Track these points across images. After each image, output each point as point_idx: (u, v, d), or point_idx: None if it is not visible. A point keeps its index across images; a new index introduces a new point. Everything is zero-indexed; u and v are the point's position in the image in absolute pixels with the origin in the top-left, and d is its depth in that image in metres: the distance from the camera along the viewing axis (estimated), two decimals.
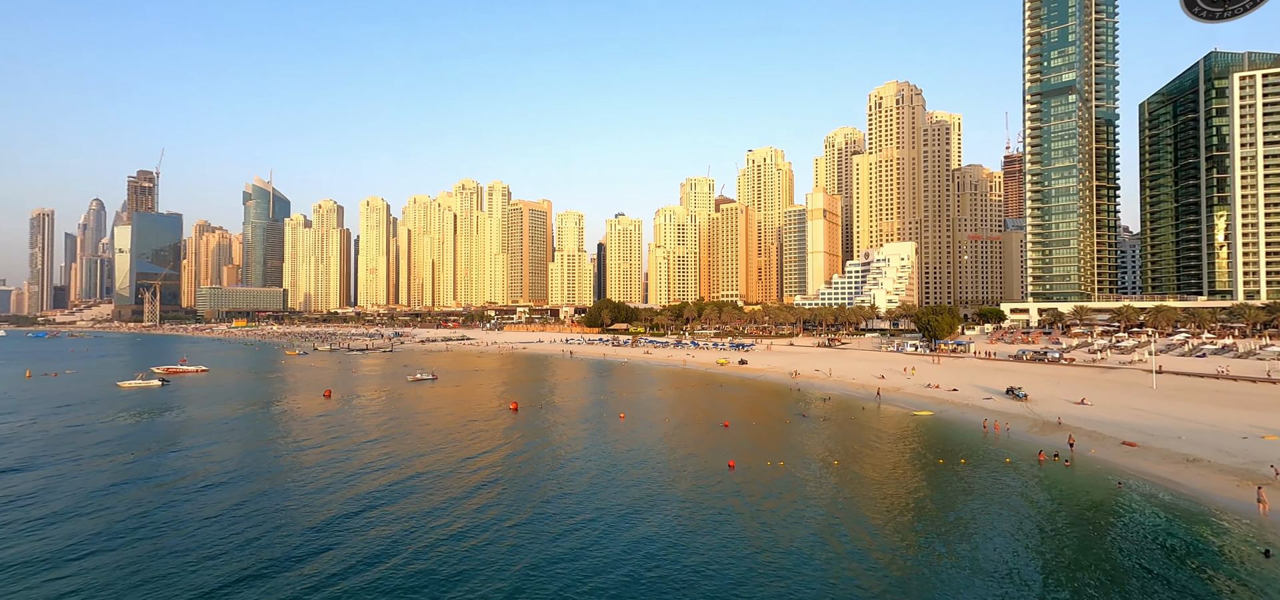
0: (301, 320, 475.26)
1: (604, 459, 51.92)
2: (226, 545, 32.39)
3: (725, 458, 50.91)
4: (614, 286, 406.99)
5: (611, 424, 68.22)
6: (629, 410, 77.36)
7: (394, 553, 31.36)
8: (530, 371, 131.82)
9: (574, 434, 62.90)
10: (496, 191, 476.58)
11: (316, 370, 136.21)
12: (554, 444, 58.44)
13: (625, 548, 32.03)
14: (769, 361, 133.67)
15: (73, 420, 71.26)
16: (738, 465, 48.61)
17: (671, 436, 61.50)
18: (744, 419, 70.92)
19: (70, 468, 49.07)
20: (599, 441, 59.06)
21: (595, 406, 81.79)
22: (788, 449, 55.23)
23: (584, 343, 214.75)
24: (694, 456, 52.67)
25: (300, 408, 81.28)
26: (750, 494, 41.15)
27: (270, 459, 52.69)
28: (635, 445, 57.28)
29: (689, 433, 63.31)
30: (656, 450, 55.30)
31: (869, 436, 60.59)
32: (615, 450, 55.20)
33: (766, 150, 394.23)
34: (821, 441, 58.59)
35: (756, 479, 44.89)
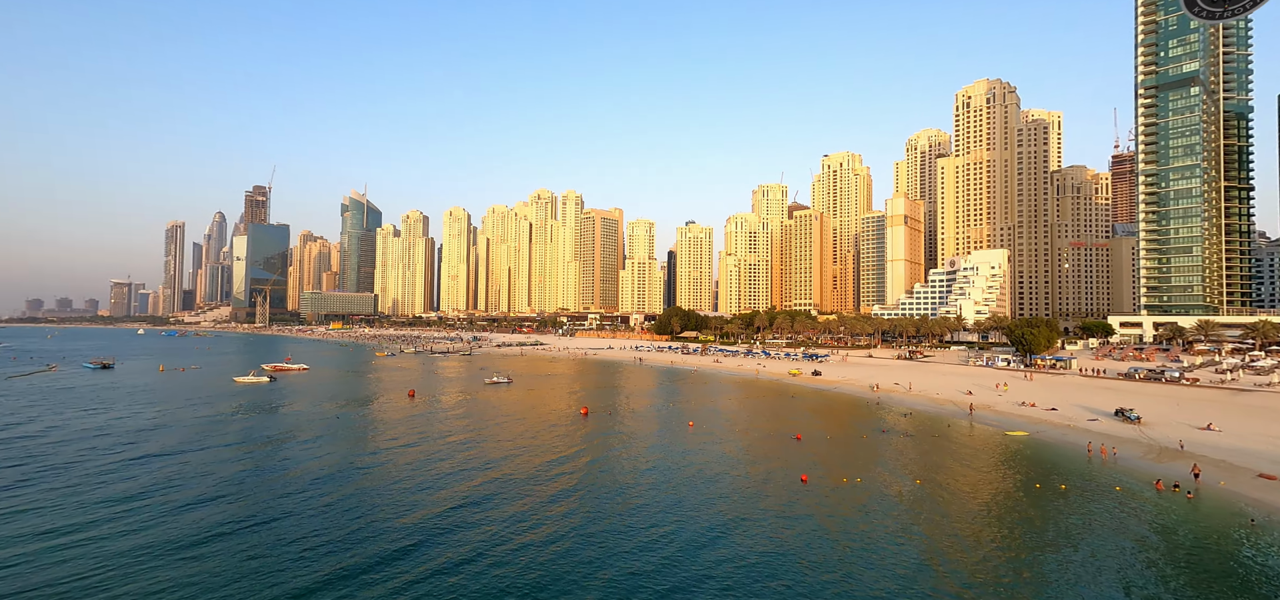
0: (390, 323, 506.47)
1: (675, 468, 51.85)
2: (328, 534, 35.05)
3: (798, 471, 49.49)
4: (684, 294, 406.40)
5: (681, 432, 68.04)
6: (699, 419, 76.88)
7: (481, 554, 32.73)
8: (600, 377, 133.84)
9: (645, 441, 63.22)
10: (570, 201, 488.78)
11: (403, 372, 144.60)
12: (626, 451, 58.99)
13: (707, 564, 31.64)
14: (844, 373, 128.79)
15: (198, 412, 79.52)
16: (811, 479, 47.14)
17: (742, 447, 60.53)
18: (817, 432, 68.68)
19: (196, 455, 54.81)
20: (669, 450, 59.04)
21: (665, 414, 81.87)
22: (865, 465, 52.93)
23: (653, 350, 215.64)
24: (766, 468, 51.58)
25: (388, 407, 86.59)
26: (826, 510, 39.77)
27: (363, 456, 56.45)
28: (706, 455, 56.82)
29: (760, 444, 62.07)
30: (727, 461, 54.60)
31: (956, 455, 57.00)
32: (686, 459, 54.99)
33: (843, 155, 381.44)
34: (903, 458, 55.72)
35: (832, 495, 43.34)
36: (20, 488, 43.13)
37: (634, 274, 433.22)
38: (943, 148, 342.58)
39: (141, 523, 36.14)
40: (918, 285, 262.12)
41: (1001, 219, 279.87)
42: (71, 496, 41.19)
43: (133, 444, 58.27)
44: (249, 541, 33.18)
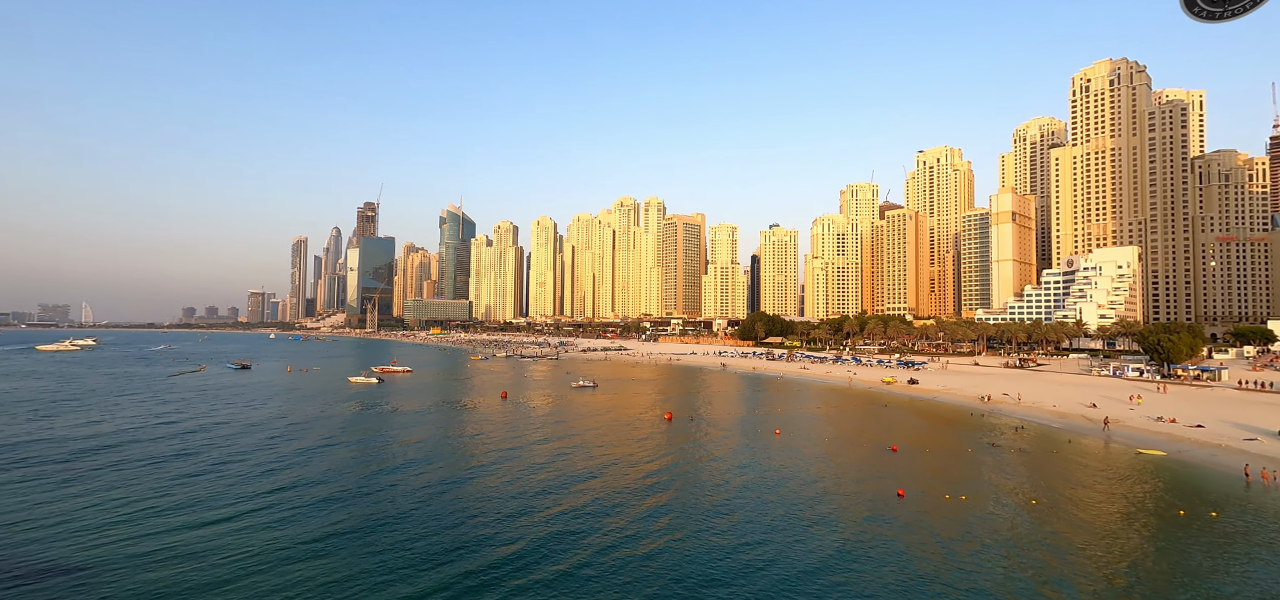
0: (482, 329, 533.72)
1: (762, 476, 50.73)
2: (435, 532, 37.44)
3: (893, 485, 46.82)
4: (768, 299, 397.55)
5: (768, 440, 66.47)
6: (785, 426, 74.76)
7: (573, 553, 33.68)
8: (683, 382, 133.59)
9: (730, 448, 62.34)
10: (652, 207, 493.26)
11: (495, 375, 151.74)
12: (711, 458, 58.47)
13: (798, 576, 30.86)
14: (944, 381, 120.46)
15: (320, 410, 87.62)
16: (909, 494, 44.43)
17: (832, 457, 58.17)
18: (915, 444, 64.64)
19: (319, 451, 60.38)
20: (756, 457, 57.86)
21: (749, 420, 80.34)
22: (970, 482, 49.14)
23: (737, 355, 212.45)
24: (858, 480, 49.24)
25: (483, 407, 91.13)
26: (926, 528, 37.32)
27: (463, 455, 59.76)
28: (793, 463, 55.14)
29: (851, 454, 59.37)
30: (816, 470, 52.67)
31: (1078, 474, 51.60)
32: (773, 468, 53.64)
33: (940, 150, 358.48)
34: (1015, 476, 51.21)
35: (932, 512, 40.62)
36: (182, 477, 49.45)
37: (716, 279, 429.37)
38: (1057, 137, 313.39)
39: (278, 515, 40.27)
40: (1028, 287, 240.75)
41: (1129, 213, 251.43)
42: (222, 485, 46.68)
43: (268, 439, 65.17)
44: (366, 536, 35.94)
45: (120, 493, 43.20)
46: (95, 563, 30.84)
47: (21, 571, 29.69)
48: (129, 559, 31.35)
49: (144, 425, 71.40)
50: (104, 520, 37.31)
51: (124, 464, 51.81)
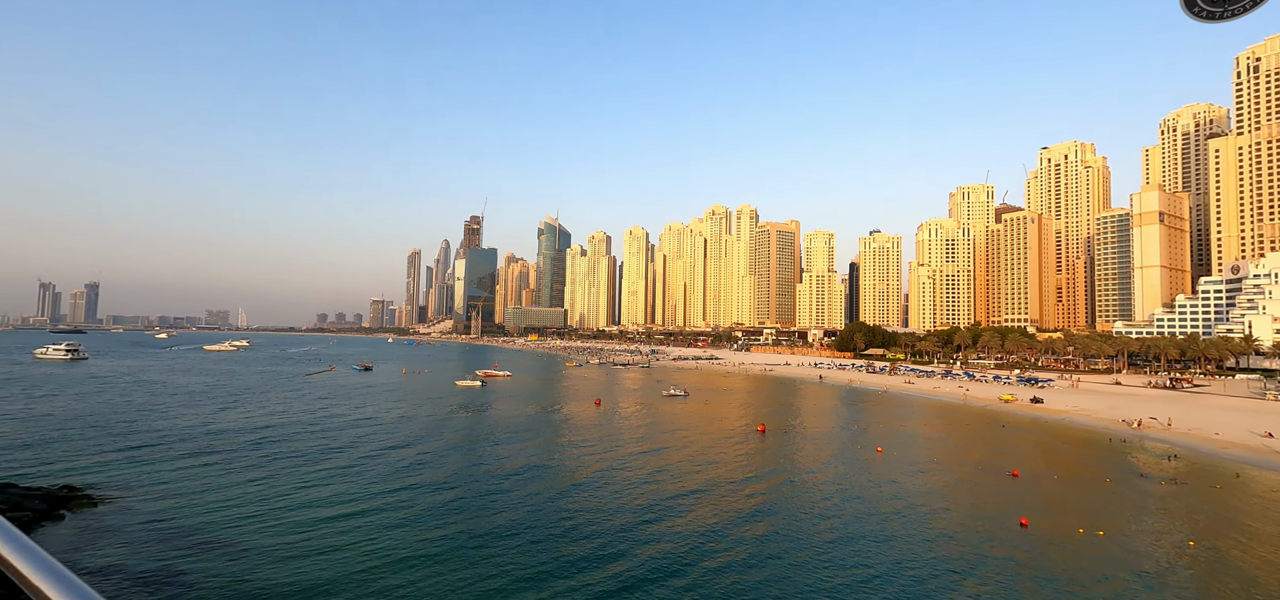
0: (577, 336, 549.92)
1: (863, 495, 48.31)
2: (537, 532, 39.20)
3: (1015, 514, 42.80)
4: (868, 309, 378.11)
5: (868, 457, 63.16)
6: (888, 444, 70.64)
7: (677, 567, 33.96)
8: (777, 394, 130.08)
9: (828, 464, 59.90)
10: (744, 215, 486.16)
11: (589, 381, 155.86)
12: (807, 472, 56.52)
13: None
14: (1074, 401, 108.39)
15: (431, 410, 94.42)
16: (1032, 524, 40.45)
17: (942, 479, 54.18)
18: (1040, 469, 58.69)
19: (432, 447, 65.12)
20: (856, 475, 55.17)
21: (848, 436, 76.72)
22: (1108, 515, 43.83)
23: (835, 367, 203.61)
24: (973, 505, 45.52)
25: (578, 413, 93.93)
26: (1054, 563, 33.79)
27: (561, 458, 61.99)
28: (898, 484, 51.97)
29: (964, 477, 54.97)
30: (923, 492, 49.30)
31: (1250, 515, 44.47)
32: (875, 487, 50.89)
33: (1069, 145, 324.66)
34: (1165, 512, 45.07)
35: (1062, 546, 36.70)
36: (316, 468, 55.28)
37: (812, 287, 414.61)
38: (1217, 125, 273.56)
39: (396, 513, 43.93)
40: (1181, 297, 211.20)
41: None
42: (348, 479, 51.67)
43: (388, 436, 71.21)
44: (475, 538, 38.20)
45: (265, 480, 49.01)
46: (242, 540, 35.25)
47: (187, 542, 34.55)
48: (269, 541, 35.53)
49: (286, 419, 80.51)
50: (252, 504, 42.54)
51: (269, 454, 58.74)
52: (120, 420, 74.34)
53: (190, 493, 43.85)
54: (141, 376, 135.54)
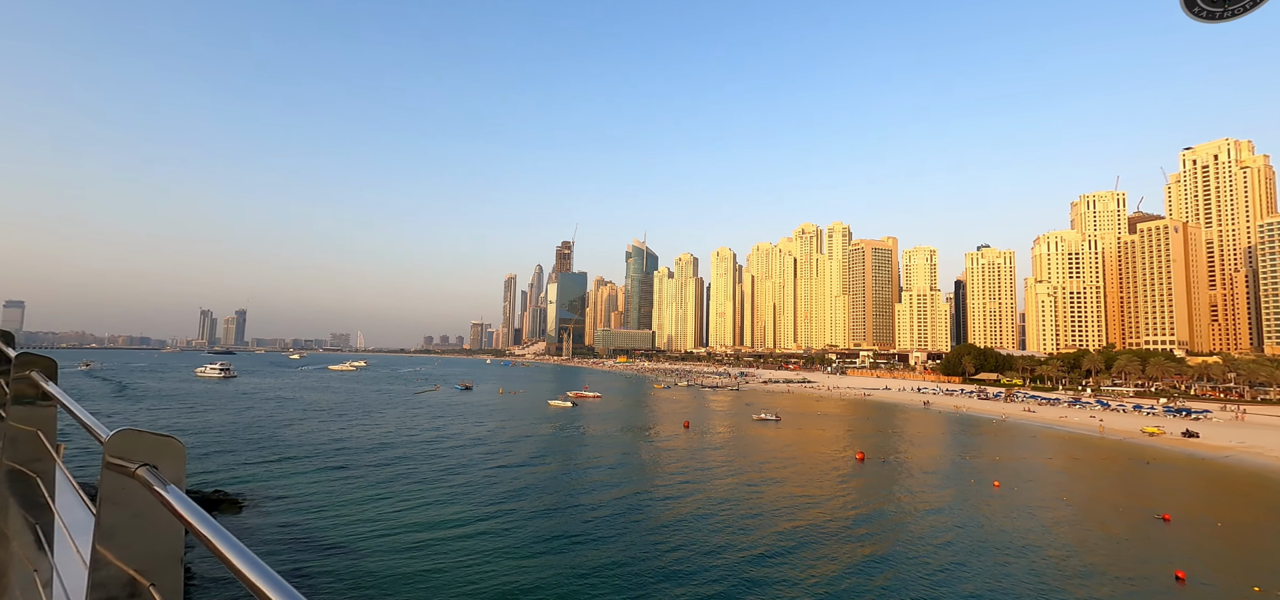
0: (665, 358, 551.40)
1: (982, 535, 44.29)
2: (633, 554, 39.41)
3: (1169, 564, 37.43)
4: (977, 329, 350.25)
5: (985, 492, 57.91)
6: (1007, 478, 64.43)
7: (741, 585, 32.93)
8: (876, 420, 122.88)
9: (938, 499, 55.57)
10: (836, 232, 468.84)
11: (677, 403, 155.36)
12: (914, 506, 52.76)
13: None
14: (1240, 436, 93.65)
15: (527, 427, 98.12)
16: (1190, 579, 35.16)
17: (1076, 520, 48.53)
18: (1197, 515, 51.04)
19: (530, 464, 67.52)
20: (972, 512, 50.73)
21: (960, 469, 70.82)
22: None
23: (941, 392, 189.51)
24: (1115, 553, 40.33)
25: (667, 435, 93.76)
26: None
27: (652, 481, 62.08)
28: (1022, 524, 47.16)
29: (1103, 519, 48.87)
30: (1055, 534, 44.38)
31: None
32: (995, 526, 46.50)
33: (1219, 144, 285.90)
34: None
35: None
36: (425, 480, 59.00)
37: (912, 307, 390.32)
38: None
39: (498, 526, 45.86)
40: None
41: None
42: (453, 491, 54.65)
43: (489, 453, 74.73)
44: (575, 564, 39.03)
45: (384, 493, 52.88)
46: (363, 548, 38.10)
47: (315, 546, 37.86)
48: (387, 552, 38.14)
49: (401, 436, 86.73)
50: (373, 516, 46.01)
51: (388, 469, 63.42)
52: (262, 433, 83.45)
53: (319, 501, 48.19)
54: (279, 393, 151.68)
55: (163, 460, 1.46)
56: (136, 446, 1.45)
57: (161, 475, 1.41)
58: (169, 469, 1.46)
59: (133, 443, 1.46)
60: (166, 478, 1.41)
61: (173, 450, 1.50)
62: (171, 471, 1.46)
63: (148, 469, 1.41)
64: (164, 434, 1.51)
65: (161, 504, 1.34)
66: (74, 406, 2.37)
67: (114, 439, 1.45)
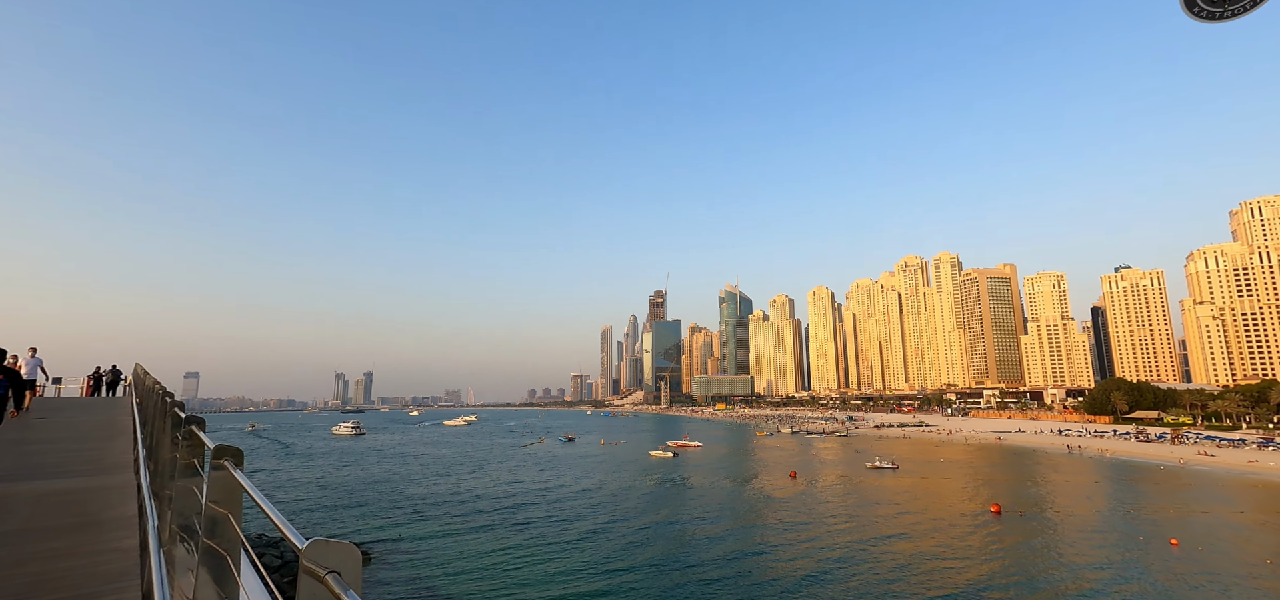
0: (765, 404, 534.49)
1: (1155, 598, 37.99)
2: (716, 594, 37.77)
3: None
4: (1125, 361, 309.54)
5: (1158, 550, 49.84)
6: (1186, 535, 55.12)
7: None
8: (1011, 467, 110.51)
9: (1092, 555, 48.57)
10: (944, 263, 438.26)
11: (782, 451, 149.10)
12: (1060, 564, 46.43)
13: None
14: None
15: (629, 479, 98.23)
16: None
17: None
18: None
19: (635, 519, 67.27)
20: (1137, 570, 43.79)
21: (1125, 523, 61.61)
22: None
23: (1089, 435, 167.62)
24: None
25: (773, 486, 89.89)
26: None
27: (759, 537, 59.56)
28: (1211, 588, 39.90)
29: None
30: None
31: None
32: (1173, 590, 39.73)
33: None
34: None
35: None
36: (537, 534, 60.41)
37: (1041, 339, 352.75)
38: None
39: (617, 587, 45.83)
40: None
41: None
42: (573, 550, 55.45)
43: (597, 507, 75.46)
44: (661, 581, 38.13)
45: (499, 546, 54.69)
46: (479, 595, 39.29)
47: (437, 596, 39.57)
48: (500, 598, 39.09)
49: (513, 489, 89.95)
50: (491, 571, 47.58)
51: (502, 522, 65.73)
52: (388, 487, 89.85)
53: (441, 554, 50.69)
54: (402, 449, 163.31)
55: (345, 566, 1.72)
56: (326, 554, 1.72)
57: (344, 580, 1.65)
58: (349, 574, 1.71)
59: (323, 552, 1.72)
60: (348, 582, 1.66)
61: (353, 557, 1.78)
62: (351, 576, 1.71)
63: (334, 577, 1.64)
64: (346, 542, 1.76)
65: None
66: (268, 507, 2.53)
67: (310, 548, 1.72)
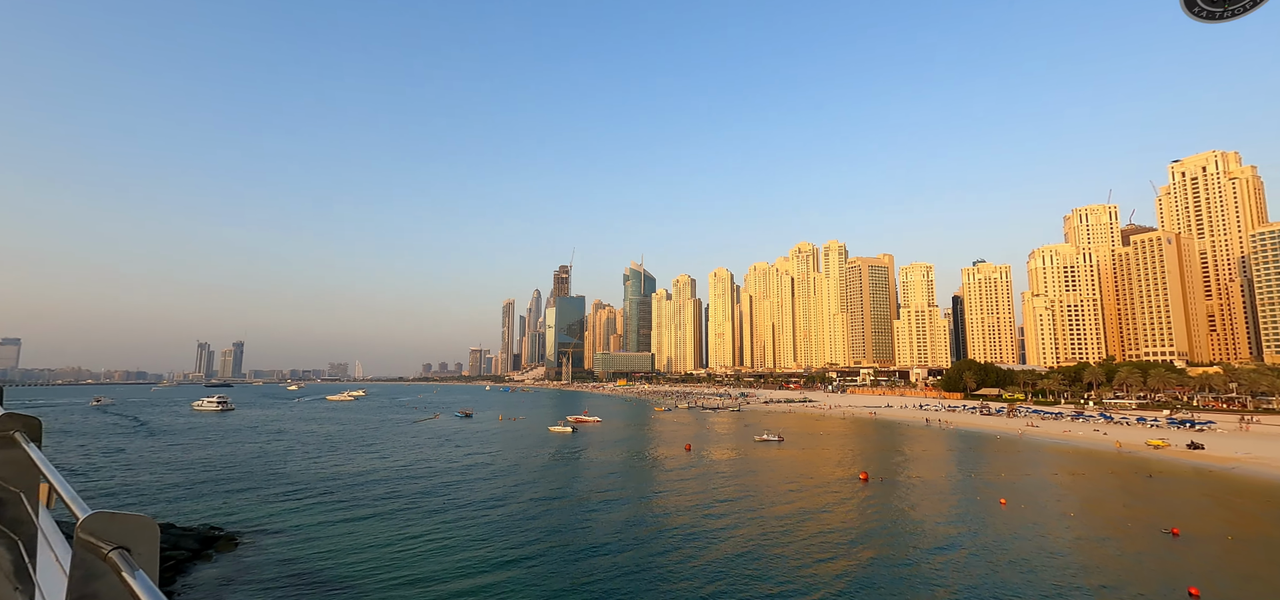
0: (664, 380, 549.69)
1: (992, 553, 43.88)
2: (631, 586, 38.96)
3: (1182, 580, 37.09)
4: (976, 345, 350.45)
5: (990, 510, 57.47)
6: (1012, 495, 64.00)
7: None
8: (879, 439, 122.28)
9: (944, 516, 55.15)
10: (832, 251, 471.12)
11: (678, 426, 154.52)
12: (920, 525, 52.30)
13: None
14: (1247, 447, 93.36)
15: (527, 455, 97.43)
16: (1204, 594, 34.80)
17: (1084, 538, 48.10)
18: (1207, 530, 50.68)
19: (530, 493, 66.92)
20: (978, 532, 50.30)
21: (965, 486, 70.35)
22: None
23: (943, 409, 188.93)
24: (1125, 571, 39.94)
25: (669, 459, 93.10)
26: None
27: (653, 506, 61.54)
28: (1028, 541, 46.77)
29: (1111, 536, 48.47)
30: (1064, 554, 43.96)
31: None
32: (1003, 545, 46.10)
33: (1207, 156, 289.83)
34: None
35: None
36: (423, 512, 58.36)
37: (911, 324, 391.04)
38: None
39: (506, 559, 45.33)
40: None
41: None
42: (461, 525, 54.07)
43: (493, 482, 74.14)
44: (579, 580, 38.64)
45: (384, 525, 52.31)
46: (364, 584, 37.57)
47: (314, 583, 37.33)
48: (388, 589, 37.62)
49: (402, 466, 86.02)
50: (374, 550, 45.45)
51: (387, 501, 62.77)
52: (260, 466, 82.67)
53: (319, 537, 47.60)
54: (278, 426, 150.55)
55: (137, 543, 1.41)
56: (110, 529, 1.41)
57: (133, 559, 1.36)
58: (142, 552, 1.41)
59: (107, 525, 1.42)
60: (139, 562, 1.37)
61: (148, 532, 1.46)
62: (144, 555, 1.41)
63: (120, 553, 1.36)
64: (140, 516, 1.46)
65: (128, 590, 1.30)
66: (54, 477, 2.27)
67: (88, 521, 1.41)
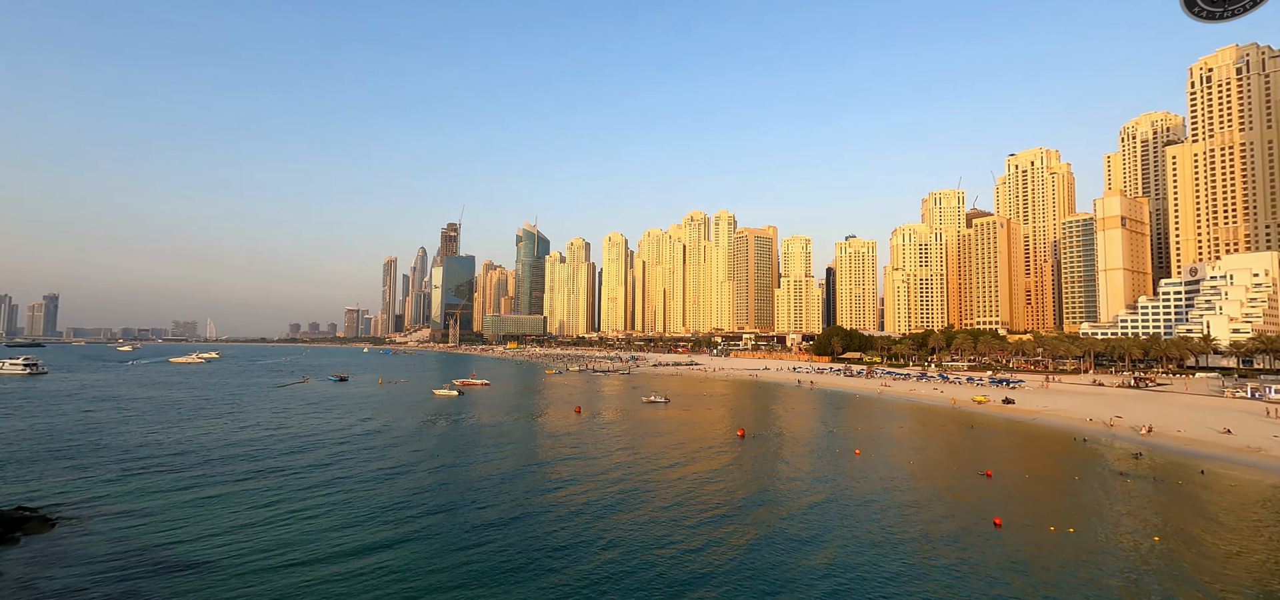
0: (556, 343, 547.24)
1: (841, 497, 48.80)
2: (511, 541, 38.74)
3: (989, 513, 43.67)
4: (845, 313, 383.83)
5: (846, 460, 63.89)
6: (866, 446, 71.58)
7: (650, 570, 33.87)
8: (757, 399, 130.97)
9: (807, 467, 60.45)
10: (722, 221, 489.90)
11: (569, 388, 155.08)
12: (786, 476, 56.96)
13: None
14: (1045, 402, 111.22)
15: (407, 420, 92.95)
16: (1006, 524, 41.30)
17: (918, 480, 55.02)
18: (1012, 469, 60.02)
19: (410, 459, 64.06)
20: (834, 477, 55.74)
21: (827, 440, 77.55)
22: (1079, 513, 44.95)
23: (813, 371, 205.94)
24: (948, 506, 46.30)
25: (558, 422, 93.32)
26: (1028, 561, 34.51)
27: (539, 468, 61.49)
28: (876, 485, 52.66)
29: (940, 478, 55.90)
30: (900, 494, 50.01)
31: (1213, 509, 46.02)
32: (853, 489, 51.48)
33: (1035, 152, 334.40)
34: (1133, 509, 46.38)
35: (1035, 544, 37.53)
36: (281, 485, 53.91)
37: (790, 292, 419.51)
38: (1173, 133, 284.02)
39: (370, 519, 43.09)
40: (1143, 299, 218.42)
41: (1265, 215, 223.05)
42: (323, 493, 50.51)
43: (364, 447, 69.92)
44: (463, 552, 37.71)
45: (234, 498, 47.70)
46: (211, 562, 34.19)
47: (153, 563, 33.39)
48: (240, 563, 34.51)
49: (257, 435, 78.53)
50: (221, 524, 41.34)
51: (238, 471, 57.19)
52: (80, 438, 71.70)
53: (155, 513, 42.40)
54: (104, 392, 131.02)
55: None
56: None
57: None
58: None
59: None
60: None
61: None
62: None
63: None
64: None
65: None
66: None
67: None
